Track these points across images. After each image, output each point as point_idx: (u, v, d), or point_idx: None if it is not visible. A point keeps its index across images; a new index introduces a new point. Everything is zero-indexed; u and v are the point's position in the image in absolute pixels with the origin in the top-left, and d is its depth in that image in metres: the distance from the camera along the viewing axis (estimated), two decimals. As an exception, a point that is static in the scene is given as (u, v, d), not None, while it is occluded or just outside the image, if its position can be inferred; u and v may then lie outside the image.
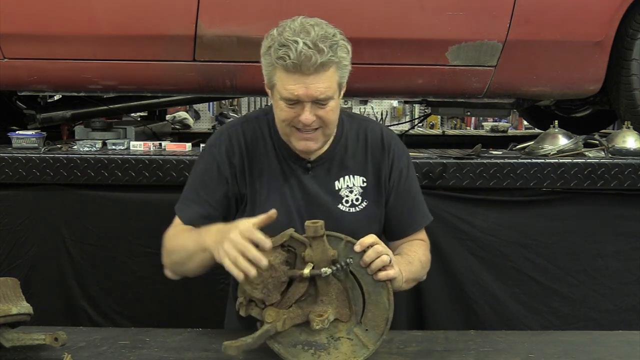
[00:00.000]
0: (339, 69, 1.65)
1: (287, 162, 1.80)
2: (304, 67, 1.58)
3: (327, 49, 1.59)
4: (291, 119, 1.67)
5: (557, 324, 2.67)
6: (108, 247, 2.66)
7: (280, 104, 1.67)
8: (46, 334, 1.65)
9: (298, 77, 1.60)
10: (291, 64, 1.58)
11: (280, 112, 1.69)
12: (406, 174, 1.86)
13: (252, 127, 1.82)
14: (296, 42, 1.57)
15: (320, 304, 1.58)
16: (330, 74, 1.62)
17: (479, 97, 2.94)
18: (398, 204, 1.85)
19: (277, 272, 1.53)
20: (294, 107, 1.65)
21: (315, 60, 1.57)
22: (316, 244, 1.54)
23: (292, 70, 1.59)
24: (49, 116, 3.13)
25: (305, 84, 1.61)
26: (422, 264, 1.80)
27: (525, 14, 2.75)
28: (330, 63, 1.61)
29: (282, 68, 1.61)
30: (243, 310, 1.57)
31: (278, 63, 1.61)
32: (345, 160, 1.81)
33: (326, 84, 1.62)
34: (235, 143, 1.79)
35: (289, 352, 1.60)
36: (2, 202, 2.63)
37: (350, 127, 1.85)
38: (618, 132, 2.94)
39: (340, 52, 1.63)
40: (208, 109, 7.07)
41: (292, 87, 1.61)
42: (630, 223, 2.67)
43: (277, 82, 1.65)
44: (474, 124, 7.25)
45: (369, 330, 1.60)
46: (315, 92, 1.62)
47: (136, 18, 2.73)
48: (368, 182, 1.82)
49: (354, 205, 1.80)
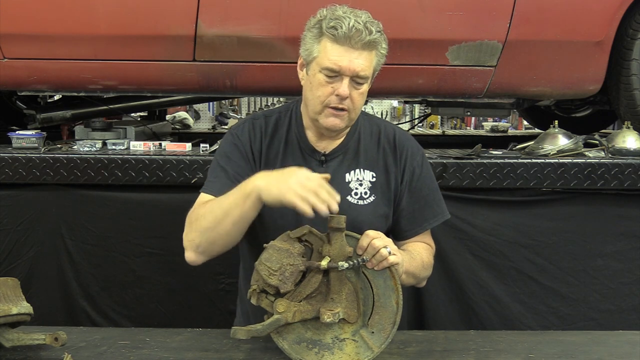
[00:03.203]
0: (378, 55, 1.74)
1: (303, 154, 1.84)
2: (353, 41, 1.67)
3: (374, 31, 1.70)
4: (327, 96, 1.72)
5: (557, 324, 2.67)
6: (108, 247, 2.66)
7: (319, 77, 1.72)
8: (46, 334, 1.65)
9: (345, 49, 1.68)
10: (342, 34, 1.66)
11: (316, 88, 1.74)
12: (419, 173, 1.88)
13: (274, 119, 1.88)
14: (349, 18, 1.68)
15: (330, 302, 1.60)
16: (372, 55, 1.72)
17: (479, 97, 2.94)
18: (410, 202, 1.87)
19: (296, 261, 1.56)
20: (332, 82, 1.71)
21: (364, 36, 1.67)
22: (335, 238, 1.57)
23: (342, 41, 1.68)
24: (49, 116, 3.13)
25: (350, 57, 1.69)
26: (423, 264, 1.82)
27: (525, 14, 2.75)
28: (375, 44, 1.71)
29: (332, 38, 1.68)
30: (255, 298, 1.59)
31: (329, 32, 1.68)
32: (358, 154, 1.85)
33: (367, 62, 1.71)
34: (258, 131, 1.85)
35: (294, 349, 1.62)
36: (2, 202, 2.63)
37: (364, 123, 1.90)
38: (618, 132, 2.94)
39: (383, 40, 1.74)
40: (208, 109, 7.07)
41: (336, 58, 1.69)
42: (630, 223, 2.67)
43: (319, 53, 1.71)
44: (474, 124, 7.25)
45: (375, 333, 1.62)
46: (358, 66, 1.69)
47: (136, 18, 2.73)
48: (377, 178, 1.84)
49: (362, 198, 1.82)
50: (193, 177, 2.60)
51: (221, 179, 1.79)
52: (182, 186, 2.61)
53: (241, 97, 6.44)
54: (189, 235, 1.73)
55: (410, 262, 1.73)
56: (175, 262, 2.64)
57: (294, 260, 1.56)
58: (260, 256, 1.57)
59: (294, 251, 1.57)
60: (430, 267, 1.87)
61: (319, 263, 1.57)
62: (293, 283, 1.57)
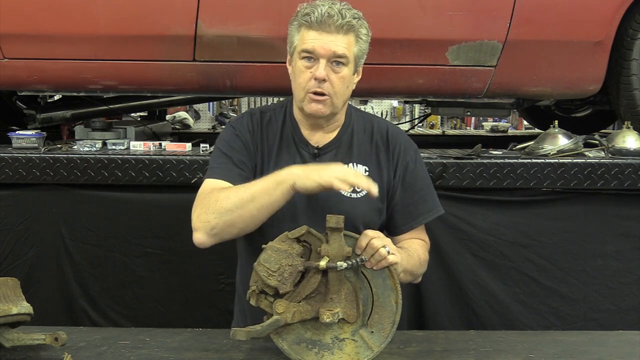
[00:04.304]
0: (357, 41, 1.77)
1: (298, 148, 1.86)
2: (325, 25, 1.72)
3: (349, 16, 1.73)
4: (306, 81, 1.75)
5: (557, 324, 2.67)
6: (108, 247, 2.66)
7: (299, 65, 1.76)
8: (46, 334, 1.65)
9: (319, 32, 1.73)
10: (315, 19, 1.72)
11: (297, 76, 1.78)
12: (413, 167, 1.89)
13: (269, 114, 1.91)
14: (323, 5, 1.74)
15: (330, 302, 1.60)
16: (349, 39, 1.75)
17: (479, 97, 2.94)
18: (404, 196, 1.88)
19: (295, 261, 1.56)
20: (310, 67, 1.75)
21: (336, 19, 1.72)
22: (334, 238, 1.58)
23: (315, 27, 1.73)
24: (49, 116, 3.13)
25: (325, 40, 1.73)
26: (420, 261, 1.83)
27: (525, 14, 2.75)
28: (350, 28, 1.74)
29: (306, 25, 1.74)
30: (254, 299, 1.59)
31: (303, 20, 1.74)
32: (351, 149, 1.87)
33: (344, 44, 1.74)
34: (256, 125, 1.88)
35: (293, 349, 1.62)
36: (2, 202, 2.63)
37: (357, 118, 1.92)
38: (618, 132, 2.93)
39: (360, 26, 1.76)
40: (208, 109, 7.07)
41: (311, 40, 1.73)
42: (630, 223, 2.67)
43: (298, 42, 1.76)
44: (474, 124, 7.25)
45: (374, 333, 1.62)
46: (333, 46, 1.72)
47: (136, 18, 2.73)
48: (370, 172, 1.85)
49: (355, 191, 1.82)
50: (193, 177, 2.60)
51: (227, 165, 1.80)
52: (182, 186, 2.61)
53: (241, 97, 6.44)
54: (203, 216, 1.69)
55: (408, 260, 1.73)
56: (175, 262, 2.65)
57: (292, 260, 1.56)
58: (259, 257, 1.57)
59: (292, 252, 1.57)
60: (426, 263, 1.88)
61: (318, 263, 1.57)
62: (292, 283, 1.57)
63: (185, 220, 1.78)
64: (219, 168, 1.81)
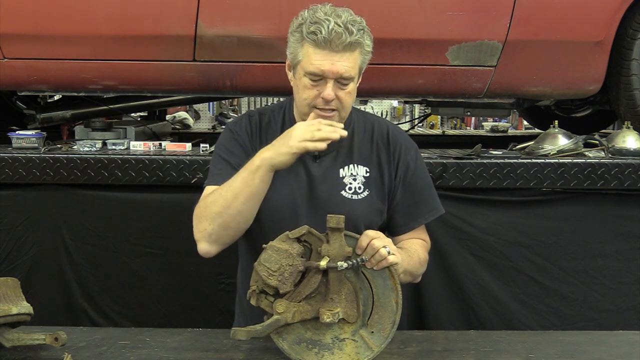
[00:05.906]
0: (362, 53, 1.75)
1: None
2: (334, 44, 1.68)
3: (356, 31, 1.69)
4: (312, 98, 1.74)
5: (557, 324, 2.67)
6: (108, 247, 2.66)
7: (304, 80, 1.74)
8: (46, 334, 1.65)
9: (326, 53, 1.69)
10: (322, 38, 1.67)
11: (302, 91, 1.76)
12: (413, 168, 1.89)
13: (268, 115, 1.91)
14: (328, 21, 1.68)
15: (330, 302, 1.60)
16: (355, 55, 1.72)
17: (479, 97, 2.94)
18: (405, 196, 1.88)
19: (295, 261, 1.56)
20: (316, 85, 1.73)
21: (344, 38, 1.67)
22: (334, 238, 1.58)
23: (322, 46, 1.68)
24: (49, 116, 3.13)
25: (332, 61, 1.69)
26: (420, 262, 1.83)
27: (525, 14, 2.75)
28: (357, 45, 1.71)
29: (312, 43, 1.69)
30: (254, 299, 1.60)
31: (309, 38, 1.69)
32: (351, 150, 1.86)
33: (351, 63, 1.72)
34: (254, 127, 1.88)
35: (293, 349, 1.62)
36: (2, 202, 2.63)
37: (357, 119, 1.91)
38: (618, 132, 2.93)
39: (366, 38, 1.74)
40: (208, 109, 7.07)
41: (319, 62, 1.70)
42: (630, 223, 2.67)
43: (303, 58, 1.72)
44: (474, 124, 7.25)
45: (374, 333, 1.62)
46: (341, 68, 1.70)
47: (136, 18, 2.73)
48: (371, 173, 1.85)
49: (356, 192, 1.83)
50: (193, 177, 2.60)
51: (226, 170, 1.80)
52: (182, 186, 2.61)
53: (241, 97, 6.44)
54: (200, 226, 1.74)
55: (408, 260, 1.73)
56: (175, 262, 2.65)
57: (293, 260, 1.56)
58: (260, 257, 1.57)
59: (293, 252, 1.57)
60: (426, 263, 1.88)
61: (318, 263, 1.57)
62: (292, 283, 1.57)
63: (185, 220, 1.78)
64: (219, 174, 1.81)
